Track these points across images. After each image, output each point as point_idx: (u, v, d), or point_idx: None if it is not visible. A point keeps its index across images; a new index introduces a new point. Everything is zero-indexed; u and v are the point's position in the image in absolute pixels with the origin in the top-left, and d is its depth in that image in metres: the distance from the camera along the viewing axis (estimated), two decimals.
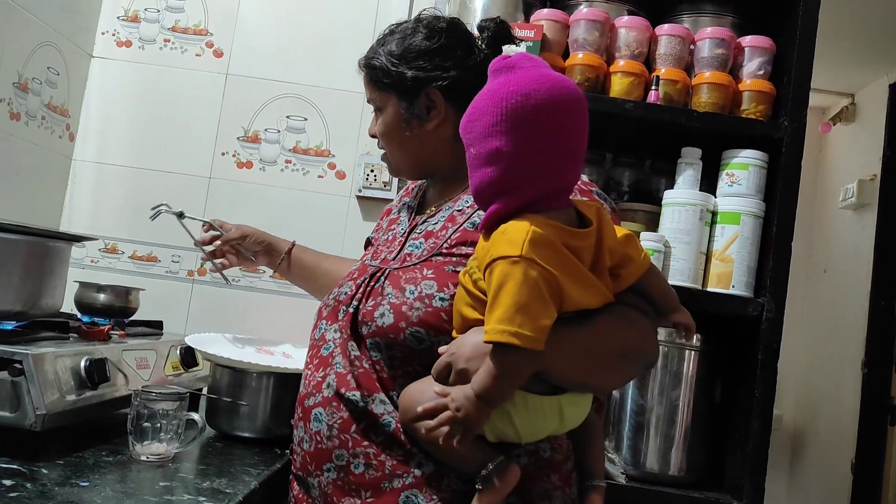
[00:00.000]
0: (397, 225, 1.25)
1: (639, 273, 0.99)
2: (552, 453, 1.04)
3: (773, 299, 1.59)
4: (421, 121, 1.17)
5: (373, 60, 1.18)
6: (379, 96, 1.19)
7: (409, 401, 0.99)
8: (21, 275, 1.26)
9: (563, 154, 0.92)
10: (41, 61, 1.88)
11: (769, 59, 1.70)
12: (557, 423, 0.97)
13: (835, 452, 3.24)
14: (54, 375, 1.10)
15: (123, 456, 1.14)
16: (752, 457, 1.57)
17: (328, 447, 1.07)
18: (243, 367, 1.36)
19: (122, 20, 2.11)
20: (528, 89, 0.90)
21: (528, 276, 0.85)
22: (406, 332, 1.04)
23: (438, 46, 1.15)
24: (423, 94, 1.15)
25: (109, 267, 2.06)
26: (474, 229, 1.07)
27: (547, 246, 0.87)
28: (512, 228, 0.89)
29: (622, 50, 1.70)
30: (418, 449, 1.02)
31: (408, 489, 1.01)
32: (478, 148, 0.93)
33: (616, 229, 0.98)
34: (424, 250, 1.11)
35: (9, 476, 0.96)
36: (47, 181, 2.00)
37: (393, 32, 1.19)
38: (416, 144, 1.19)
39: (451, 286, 1.03)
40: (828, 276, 3.57)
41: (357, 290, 1.13)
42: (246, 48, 2.11)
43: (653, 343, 1.04)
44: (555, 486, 1.03)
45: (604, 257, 0.94)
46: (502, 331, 0.84)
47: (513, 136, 0.90)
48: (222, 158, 2.09)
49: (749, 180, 1.64)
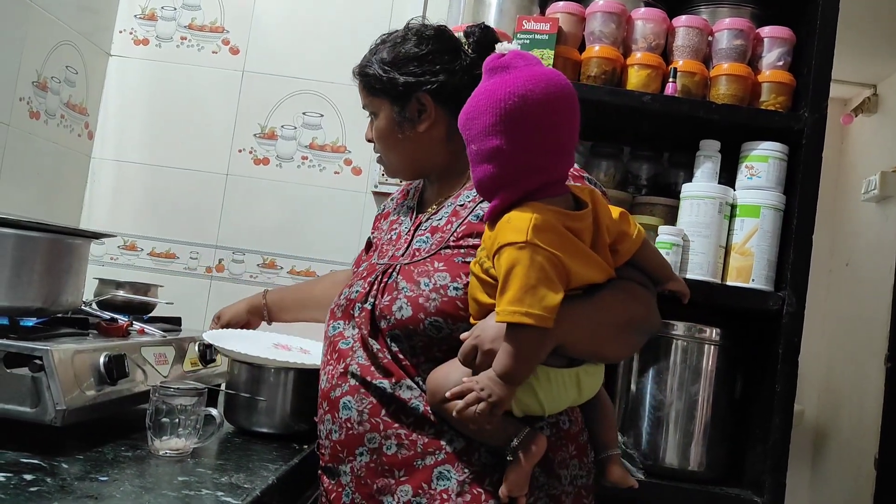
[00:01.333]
0: (399, 225, 1.29)
1: (635, 247, 1.06)
2: (570, 425, 1.12)
3: (794, 293, 1.57)
4: (413, 124, 1.22)
5: (366, 69, 1.24)
6: (372, 102, 1.25)
7: (436, 384, 1.05)
8: (42, 272, 1.27)
9: (557, 149, 0.99)
10: (60, 60, 1.90)
11: (789, 49, 1.68)
12: (576, 393, 1.05)
13: (858, 448, 3.20)
14: (74, 371, 1.11)
15: (142, 451, 1.15)
16: (773, 452, 1.55)
17: (359, 432, 1.11)
18: (261, 362, 1.37)
19: (139, 18, 2.13)
20: (524, 90, 0.96)
21: (534, 260, 0.92)
22: (425, 323, 1.09)
23: (427, 52, 1.21)
24: (414, 98, 1.21)
25: (128, 264, 2.08)
26: (478, 221, 1.13)
27: (549, 230, 0.94)
28: (516, 217, 0.96)
29: (639, 42, 1.69)
30: (449, 425, 1.07)
31: (440, 465, 1.06)
32: (478, 145, 0.99)
33: (610, 208, 1.05)
34: (432, 244, 1.16)
35: (30, 470, 0.97)
36: (67, 179, 2.02)
37: (384, 42, 1.25)
38: (410, 146, 1.24)
39: (462, 276, 1.09)
40: (850, 269, 3.52)
41: (371, 288, 1.17)
42: (262, 45, 2.11)
43: (654, 312, 1.12)
44: (571, 456, 1.11)
45: (602, 235, 1.02)
46: (513, 311, 0.91)
47: (510, 136, 0.96)
48: (239, 155, 2.10)
49: (769, 173, 1.62)
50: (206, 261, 2.08)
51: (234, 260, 2.08)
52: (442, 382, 1.03)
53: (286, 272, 2.07)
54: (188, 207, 2.09)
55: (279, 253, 2.07)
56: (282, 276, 2.07)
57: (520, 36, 1.64)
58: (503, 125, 0.96)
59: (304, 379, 1.37)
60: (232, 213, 2.09)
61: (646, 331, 1.12)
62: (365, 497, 1.10)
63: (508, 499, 1.00)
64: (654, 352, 1.64)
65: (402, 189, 1.43)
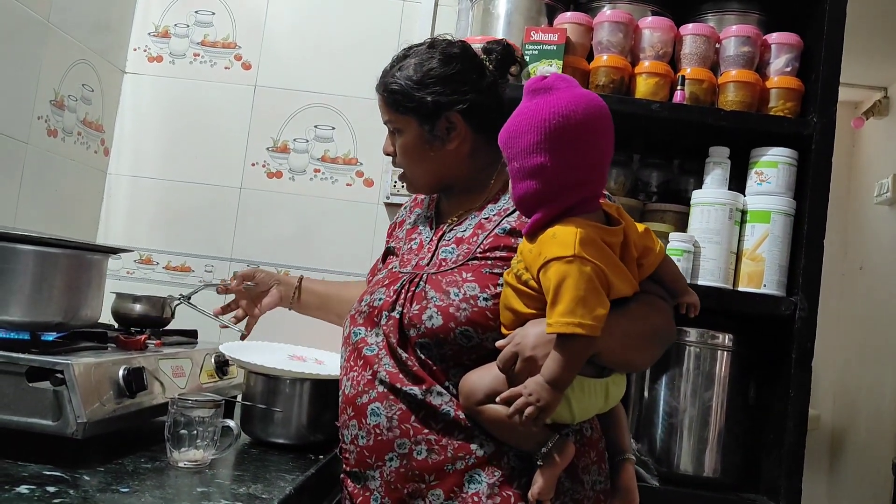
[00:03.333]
0: (418, 234, 1.31)
1: (657, 262, 1.11)
2: (592, 432, 1.16)
3: (806, 297, 1.57)
4: (443, 142, 1.24)
5: (392, 85, 1.24)
6: (398, 119, 1.25)
7: (470, 387, 1.08)
8: (61, 287, 1.30)
9: (595, 166, 1.05)
10: (76, 79, 1.93)
11: (797, 55, 1.68)
12: (603, 402, 1.09)
13: (875, 452, 3.17)
14: (94, 385, 1.12)
15: (161, 462, 1.16)
16: (789, 458, 1.54)
17: (389, 438, 1.12)
18: (277, 374, 1.38)
19: (152, 36, 2.16)
20: (568, 111, 1.01)
21: (582, 272, 0.96)
22: (455, 332, 1.11)
23: (455, 72, 1.23)
24: (444, 117, 1.22)
25: (144, 277, 2.11)
26: (505, 234, 1.17)
27: (593, 244, 0.99)
28: (561, 232, 1.00)
29: (647, 51, 1.70)
30: (479, 430, 1.09)
31: (470, 469, 1.08)
32: (521, 162, 1.04)
33: (636, 224, 1.10)
34: (459, 255, 1.18)
35: (52, 483, 0.99)
36: (84, 195, 2.05)
37: (407, 56, 1.25)
38: (436, 163, 1.26)
39: (491, 287, 1.12)
40: (864, 272, 3.50)
41: (397, 296, 1.17)
42: (273, 60, 2.14)
43: (673, 324, 1.16)
44: (593, 462, 1.15)
45: (631, 250, 1.06)
46: (566, 322, 0.95)
47: (553, 154, 1.02)
48: (252, 169, 2.12)
49: (778, 178, 1.62)
50: (220, 273, 2.10)
51: None
52: (476, 386, 1.07)
53: None
54: (203, 221, 2.11)
55: (293, 265, 2.08)
56: None
57: (528, 47, 1.66)
58: (548, 143, 1.01)
59: (319, 390, 1.39)
60: (246, 226, 2.11)
61: (666, 341, 1.16)
62: (395, 502, 1.11)
63: (536, 502, 1.04)
64: (667, 358, 1.64)
65: (415, 199, 1.43)
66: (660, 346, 1.15)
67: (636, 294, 1.08)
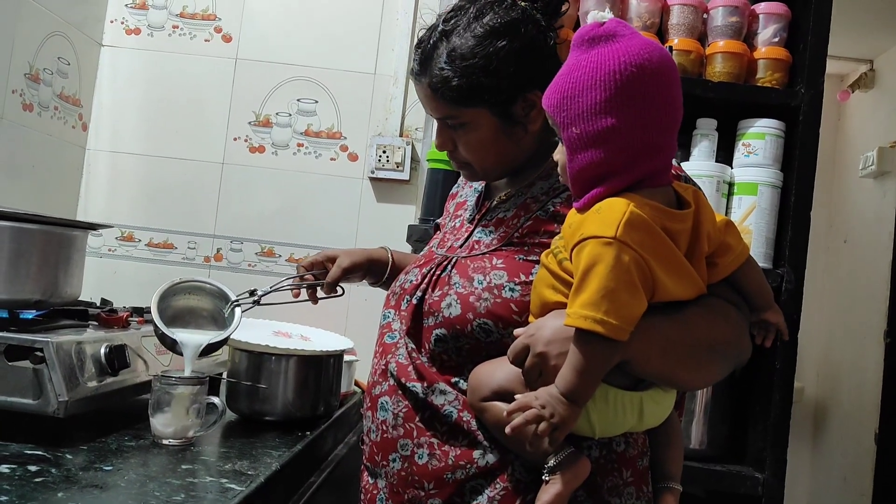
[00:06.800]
0: (464, 211, 1.17)
1: (737, 264, 0.93)
2: (626, 447, 0.99)
3: (793, 270, 1.57)
4: (524, 126, 1.05)
5: (447, 76, 1.01)
6: (463, 113, 1.04)
7: (478, 381, 0.96)
8: (39, 264, 1.27)
9: (670, 128, 0.87)
10: (51, 52, 1.88)
11: (784, 25, 1.67)
12: (636, 420, 0.92)
13: (858, 424, 3.22)
14: (75, 362, 1.11)
15: (145, 440, 1.15)
16: (774, 429, 1.56)
17: (393, 436, 1.04)
18: (261, 350, 1.37)
19: (129, 8, 2.11)
20: (641, 59, 0.84)
21: (619, 260, 0.80)
22: (473, 324, 0.99)
23: (526, 43, 1.02)
24: (520, 98, 1.03)
25: (126, 255, 2.08)
26: (547, 217, 1.03)
27: (643, 229, 0.82)
28: (608, 207, 0.83)
29: (634, 21, 1.68)
30: (484, 436, 0.98)
31: (471, 480, 0.98)
32: (583, 127, 0.85)
33: (715, 215, 0.92)
34: (494, 239, 1.06)
35: (34, 462, 0.98)
36: (62, 171, 2.01)
37: (454, 31, 1.02)
38: (515, 148, 1.07)
39: (521, 276, 0.99)
40: (848, 245, 3.53)
41: (422, 280, 1.07)
42: (254, 32, 2.10)
43: (746, 340, 0.98)
44: (626, 483, 0.98)
45: (701, 243, 0.88)
46: (586, 316, 0.80)
47: (626, 113, 0.84)
48: (234, 143, 2.09)
49: (766, 150, 1.62)
50: (204, 250, 2.08)
51: (232, 249, 2.08)
52: (485, 380, 0.95)
53: (284, 260, 2.06)
54: (185, 197, 2.08)
55: (277, 241, 2.07)
56: (280, 263, 2.07)
57: None
58: (619, 100, 0.83)
59: (304, 366, 1.38)
60: (229, 201, 2.09)
61: (732, 358, 0.97)
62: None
63: None
64: None
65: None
66: (721, 362, 0.95)
67: (699, 297, 0.90)
